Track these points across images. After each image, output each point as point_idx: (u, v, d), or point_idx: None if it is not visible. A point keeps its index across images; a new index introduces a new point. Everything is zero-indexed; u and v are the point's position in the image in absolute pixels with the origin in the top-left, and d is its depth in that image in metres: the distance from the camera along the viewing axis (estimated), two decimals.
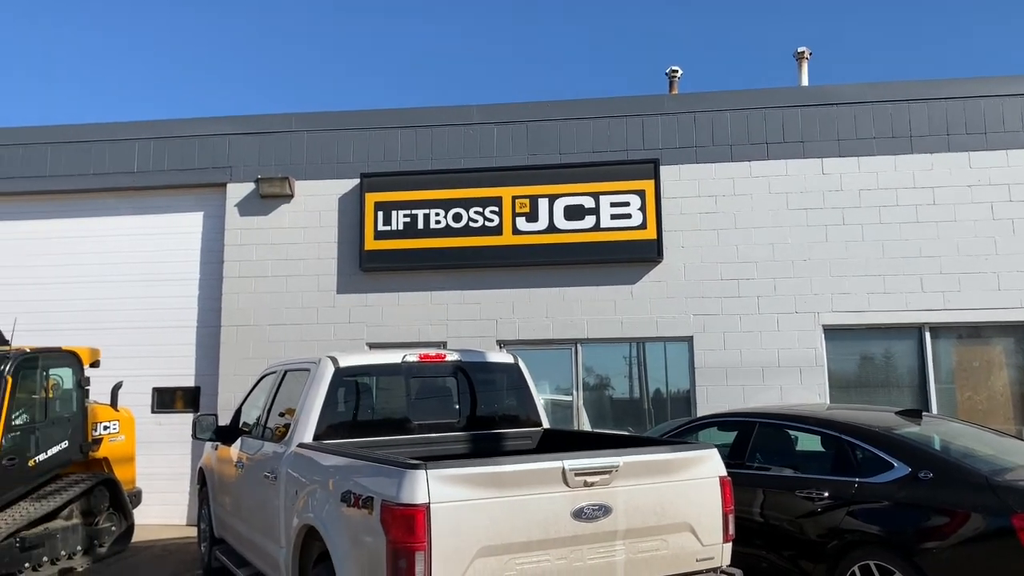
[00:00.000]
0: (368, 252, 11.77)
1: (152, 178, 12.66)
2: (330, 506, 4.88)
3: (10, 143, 12.95)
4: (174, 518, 11.83)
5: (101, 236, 12.87)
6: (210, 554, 7.96)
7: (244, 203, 12.27)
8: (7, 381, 8.45)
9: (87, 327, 12.11)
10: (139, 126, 12.81)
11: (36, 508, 8.34)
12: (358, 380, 6.61)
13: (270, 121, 12.51)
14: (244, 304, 12.03)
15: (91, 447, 9.51)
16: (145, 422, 11.47)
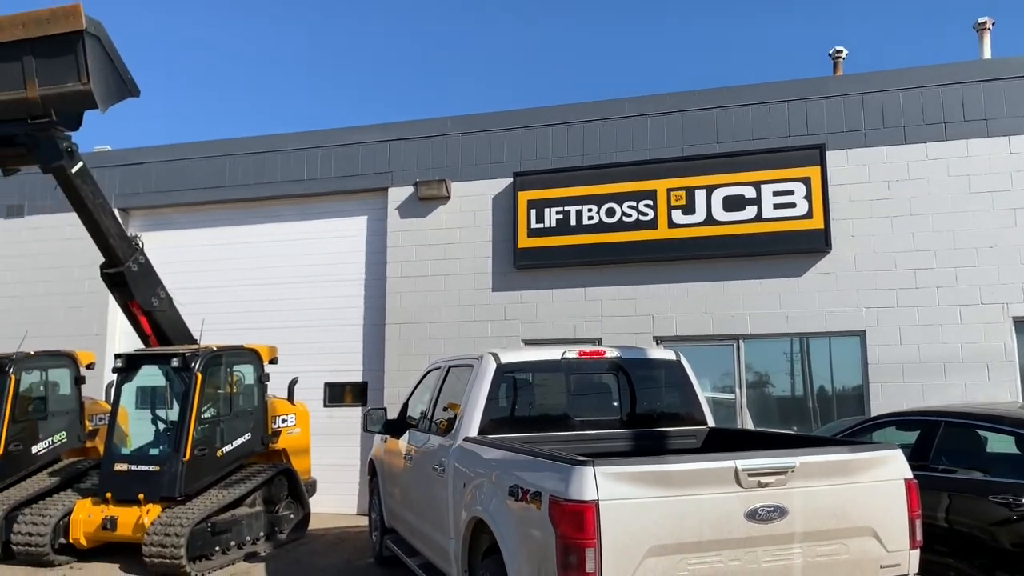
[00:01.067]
0: (522, 250, 11.90)
1: (319, 185, 13.35)
2: (498, 500, 4.94)
3: (195, 156, 14.02)
4: (345, 507, 12.43)
5: (274, 241, 13.71)
6: (381, 543, 8.29)
7: (404, 206, 12.71)
8: (197, 377, 9.16)
9: (265, 326, 12.95)
10: (307, 136, 13.54)
11: (224, 496, 8.97)
12: (519, 376, 6.68)
13: (427, 126, 12.89)
14: (406, 303, 12.46)
15: (271, 439, 10.15)
16: (318, 415, 12.09)
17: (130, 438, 9.80)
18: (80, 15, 7.76)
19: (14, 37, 7.96)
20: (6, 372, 9.88)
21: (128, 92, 8.57)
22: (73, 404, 10.77)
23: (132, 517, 8.69)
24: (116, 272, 9.68)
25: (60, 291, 14.24)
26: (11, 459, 9.77)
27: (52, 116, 8.21)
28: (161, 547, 8.13)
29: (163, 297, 10.21)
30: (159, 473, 8.85)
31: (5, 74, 8.14)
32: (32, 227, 14.69)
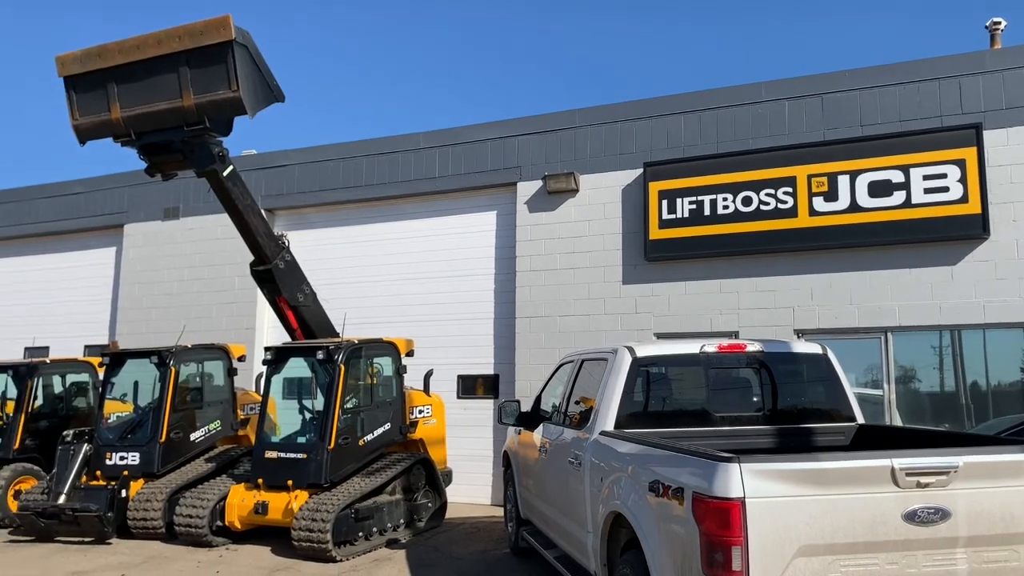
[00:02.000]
0: (653, 241, 11.71)
1: (449, 182, 13.60)
2: (637, 495, 4.87)
3: (333, 157, 14.58)
4: (479, 497, 12.64)
5: (408, 238, 14.10)
6: (517, 534, 8.37)
7: (533, 200, 12.77)
8: (340, 369, 9.53)
9: (401, 320, 13.35)
10: (437, 135, 13.82)
11: (366, 483, 9.29)
12: (656, 370, 6.56)
13: (555, 119, 12.89)
14: (535, 296, 12.52)
15: (409, 429, 10.44)
16: (451, 407, 12.35)
17: (279, 427, 10.31)
18: (230, 26, 8.20)
19: (171, 49, 8.50)
20: (167, 364, 10.60)
21: (274, 97, 9.00)
22: (226, 394, 11.44)
23: (282, 502, 9.16)
24: (265, 269, 10.20)
25: (213, 288, 15.15)
26: (172, 445, 10.48)
27: (205, 123, 8.73)
28: (309, 531, 8.52)
29: (308, 293, 10.69)
30: (306, 461, 9.27)
31: (163, 85, 8.72)
32: (187, 228, 15.69)
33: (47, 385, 12.46)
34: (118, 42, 8.77)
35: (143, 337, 14.98)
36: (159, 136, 9.07)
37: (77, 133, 9.16)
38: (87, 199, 16.92)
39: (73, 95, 9.09)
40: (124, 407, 11.39)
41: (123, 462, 10.25)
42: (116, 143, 9.25)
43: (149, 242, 15.99)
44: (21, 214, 17.67)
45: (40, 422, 11.79)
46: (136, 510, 9.79)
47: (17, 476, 10.86)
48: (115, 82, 8.86)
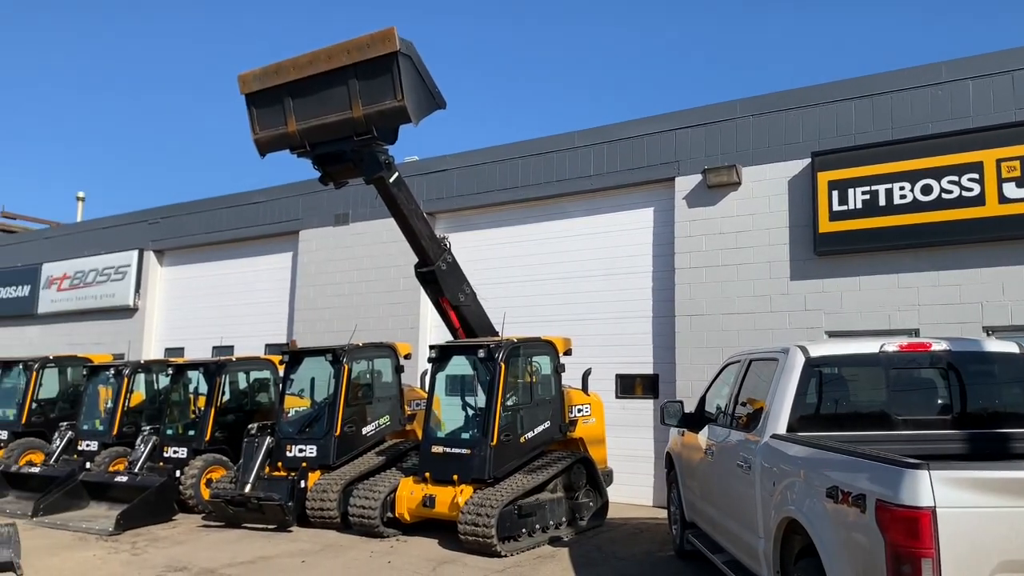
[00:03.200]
0: (823, 235, 11.15)
1: (605, 180, 13.53)
2: (813, 500, 4.65)
3: (491, 160, 14.87)
4: (640, 498, 12.50)
5: (564, 237, 14.16)
6: (682, 537, 8.20)
7: (692, 195, 12.48)
8: (501, 367, 9.69)
9: (559, 319, 13.42)
10: (592, 132, 13.78)
11: (528, 480, 9.40)
12: (831, 370, 6.24)
13: (714, 111, 12.54)
14: (696, 294, 12.23)
15: (569, 428, 10.47)
16: (610, 406, 12.28)
17: (443, 423, 10.63)
18: (394, 38, 8.53)
19: (340, 64, 8.96)
20: (340, 362, 11.17)
21: (436, 104, 9.28)
22: (394, 391, 11.92)
23: (448, 496, 9.43)
24: (428, 271, 10.54)
25: (380, 289, 15.84)
26: (346, 439, 11.03)
27: (373, 132, 9.13)
28: (474, 526, 8.72)
29: (468, 293, 10.96)
30: (470, 456, 9.50)
31: (334, 98, 9.19)
32: (356, 233, 16.49)
33: (233, 382, 13.46)
34: (292, 59, 9.34)
35: (318, 336, 15.89)
36: (331, 146, 9.57)
37: (258, 146, 9.83)
38: (266, 208, 18.13)
39: (254, 111, 9.75)
40: (302, 402, 12.12)
41: (302, 454, 10.90)
42: (292, 154, 9.84)
43: (322, 246, 16.92)
44: (209, 223, 19.18)
45: (227, 416, 12.73)
46: (314, 500, 10.37)
47: (208, 466, 11.77)
48: (290, 97, 9.43)
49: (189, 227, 19.58)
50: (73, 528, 10.34)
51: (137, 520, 10.40)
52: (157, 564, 8.47)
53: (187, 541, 9.73)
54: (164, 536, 10.00)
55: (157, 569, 8.25)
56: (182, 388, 13.26)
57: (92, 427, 13.88)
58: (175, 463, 11.92)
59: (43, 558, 8.63)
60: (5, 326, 23.48)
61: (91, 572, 8.12)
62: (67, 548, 9.24)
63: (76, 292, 21.43)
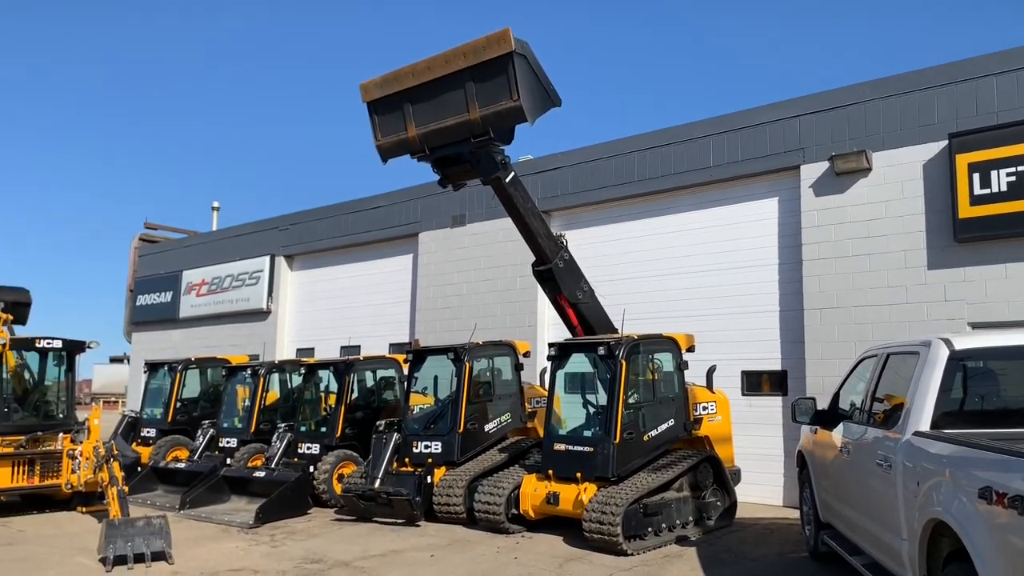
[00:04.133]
0: (963, 221, 10.50)
1: (725, 171, 13.19)
2: (963, 501, 4.37)
3: (603, 156, 14.76)
4: (770, 498, 12.13)
5: (681, 231, 13.90)
6: (816, 538, 7.90)
7: (819, 183, 12.00)
8: (622, 364, 9.61)
9: (679, 315, 13.19)
10: (710, 123, 13.46)
11: (653, 479, 9.28)
12: (977, 364, 5.87)
13: (841, 95, 12.02)
14: (825, 286, 11.75)
15: (693, 426, 10.27)
16: (736, 404, 11.96)
17: (564, 421, 10.63)
18: (509, 39, 8.60)
19: (457, 67, 9.10)
20: (462, 360, 11.35)
21: (552, 103, 9.30)
22: (514, 388, 12.02)
23: (572, 494, 9.43)
24: (545, 269, 10.58)
25: (497, 288, 16.01)
26: (469, 436, 11.21)
27: (490, 133, 9.23)
28: (599, 524, 8.68)
29: (586, 290, 10.92)
30: (593, 454, 9.47)
31: (451, 101, 9.35)
32: (472, 233, 16.73)
33: (361, 380, 13.92)
34: (411, 65, 9.56)
35: (438, 335, 16.22)
36: (449, 149, 9.75)
37: (380, 153, 10.11)
38: (387, 212, 18.66)
39: (375, 118, 10.05)
40: (426, 400, 12.40)
41: (427, 450, 11.15)
42: (412, 159, 10.07)
43: (440, 248, 17.26)
44: (334, 228, 19.91)
45: (356, 413, 13.17)
46: (440, 495, 10.59)
47: (340, 462, 12.21)
48: (410, 103, 9.66)
49: (316, 232, 20.38)
50: (216, 521, 10.94)
51: (275, 514, 10.90)
52: (295, 556, 8.85)
53: (322, 534, 10.12)
54: (300, 529, 10.44)
55: (295, 561, 8.61)
56: (313, 387, 13.82)
57: (231, 425, 14.68)
58: (308, 459, 12.43)
59: (191, 548, 9.17)
60: (151, 330, 25.13)
61: (235, 562, 8.56)
62: (212, 540, 9.78)
63: (214, 297, 22.69)
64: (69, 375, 12.69)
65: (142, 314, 25.39)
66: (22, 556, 8.91)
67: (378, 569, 8.22)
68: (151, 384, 17.31)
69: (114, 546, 8.39)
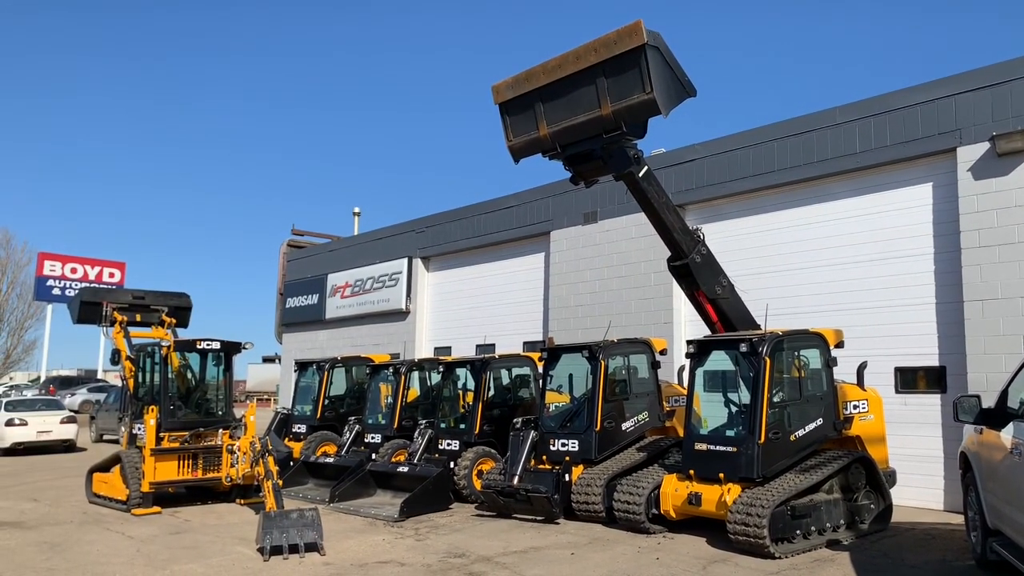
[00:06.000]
0: None
1: (873, 156, 12.52)
2: None
3: (742, 146, 14.32)
4: (929, 502, 11.41)
5: (827, 221, 13.29)
6: (984, 545, 7.35)
7: (978, 166, 11.18)
8: (765, 362, 9.27)
9: (826, 309, 12.64)
10: (857, 106, 12.80)
11: (801, 480, 8.91)
12: None
13: (1001, 70, 11.15)
14: (989, 276, 10.94)
15: (844, 425, 9.79)
16: (889, 402, 11.32)
17: (705, 420, 10.37)
18: (641, 31, 8.46)
19: (589, 63, 9.03)
20: (597, 358, 11.29)
21: (686, 93, 9.08)
22: (651, 386, 11.83)
23: (714, 494, 9.19)
24: (681, 264, 10.35)
25: (630, 285, 15.83)
26: (606, 434, 11.13)
27: (622, 128, 9.11)
28: (744, 526, 8.42)
29: (725, 285, 10.61)
30: (736, 454, 9.19)
31: (582, 98, 9.29)
32: (604, 230, 16.62)
33: (497, 378, 14.10)
34: (542, 64, 9.57)
35: (571, 333, 16.22)
36: (581, 146, 9.69)
37: (512, 153, 10.18)
38: (519, 211, 18.83)
39: (507, 119, 10.12)
40: (561, 397, 12.41)
41: (564, 448, 11.16)
42: (544, 157, 10.09)
43: (572, 245, 17.25)
44: (468, 229, 20.29)
45: (493, 410, 13.36)
46: (579, 494, 10.58)
47: (479, 458, 12.42)
48: (541, 101, 9.68)
49: (451, 234, 20.83)
50: (363, 514, 11.36)
51: (418, 508, 11.20)
52: (439, 550, 9.06)
53: (463, 529, 10.32)
54: (443, 524, 10.69)
55: (439, 555, 8.82)
56: (452, 384, 14.11)
57: (376, 421, 15.23)
58: (449, 455, 12.71)
59: (340, 540, 9.56)
60: (300, 331, 26.44)
61: (382, 555, 8.86)
62: (359, 532, 10.16)
63: (356, 299, 23.62)
64: (227, 374, 13.48)
65: (291, 316, 26.75)
66: (189, 544, 9.55)
67: (520, 565, 8.29)
68: (301, 382, 18.18)
69: (271, 537, 8.86)
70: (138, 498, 11.65)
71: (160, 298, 14.30)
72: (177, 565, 8.46)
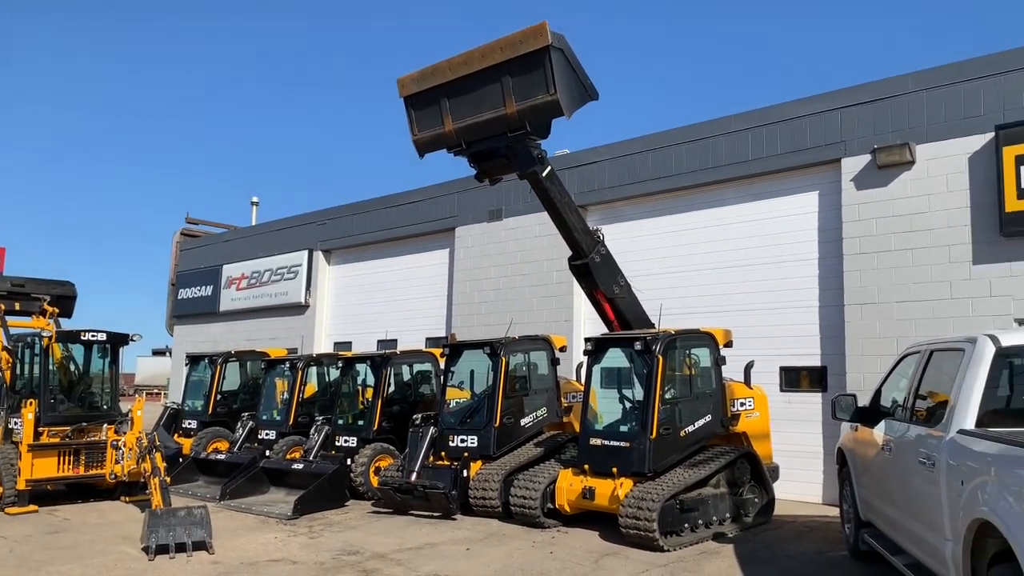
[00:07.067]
0: (1010, 215, 10.28)
1: (764, 164, 13.04)
2: (1009, 502, 4.28)
3: (642, 150, 14.67)
4: (809, 495, 11.98)
5: (720, 225, 13.76)
6: (856, 536, 7.79)
7: (860, 176, 11.80)
8: (658, 360, 9.56)
9: (717, 310, 13.09)
10: (750, 115, 13.30)
11: (690, 475, 9.22)
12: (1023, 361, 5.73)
13: (883, 86, 11.80)
14: (867, 281, 11.57)
15: (731, 422, 10.18)
16: (774, 400, 11.83)
17: (601, 415, 10.60)
18: (546, 32, 8.57)
19: (494, 61, 9.08)
20: (498, 355, 11.37)
21: (589, 96, 9.25)
22: (550, 383, 12.01)
23: (607, 489, 9.41)
24: (582, 263, 10.54)
25: (533, 283, 16.00)
26: (505, 430, 11.23)
27: (527, 127, 9.20)
28: (635, 519, 8.65)
29: (623, 284, 10.86)
30: (629, 449, 9.43)
31: (488, 95, 9.34)
32: (508, 228, 16.74)
33: (398, 374, 14.02)
34: (447, 60, 9.57)
35: (474, 329, 16.27)
36: (486, 144, 9.73)
37: (417, 147, 10.14)
38: (424, 206, 18.74)
39: (412, 113, 10.07)
40: (462, 394, 12.44)
41: (463, 444, 11.20)
42: (449, 153, 10.09)
43: (477, 242, 17.30)
44: (371, 223, 20.05)
45: (393, 407, 13.26)
46: (476, 489, 10.63)
47: (377, 455, 12.31)
48: (447, 97, 9.67)
49: (353, 227, 20.54)
50: (256, 512, 11.11)
51: (313, 505, 11.03)
52: (333, 547, 8.95)
53: (359, 526, 10.22)
54: (338, 521, 10.56)
55: (333, 552, 8.71)
56: (351, 380, 13.94)
57: (270, 417, 14.89)
58: (346, 451, 12.56)
59: (231, 539, 9.32)
60: (192, 323, 25.56)
61: (273, 553, 8.68)
62: (251, 530, 9.93)
63: (253, 291, 23.01)
64: (113, 367, 12.95)
65: (183, 307, 25.85)
66: (68, 544, 9.13)
67: (414, 561, 8.28)
68: (192, 376, 17.61)
69: (156, 535, 8.56)
70: (12, 496, 11.06)
71: (42, 286, 13.57)
72: (54, 566, 8.07)
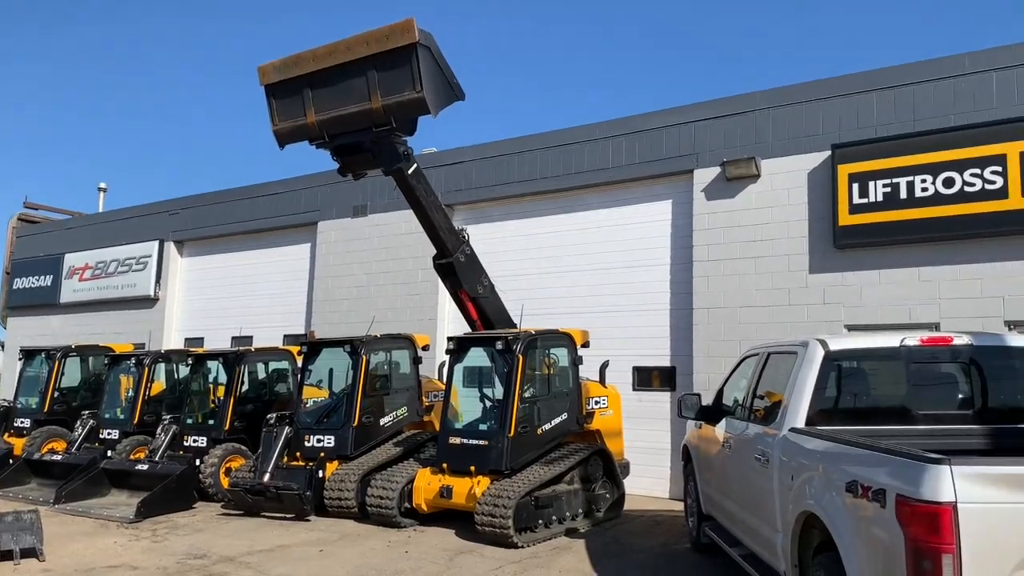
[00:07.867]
0: (843, 228, 11.08)
1: (624, 172, 13.50)
2: (832, 495, 4.63)
3: (509, 152, 14.86)
4: (657, 491, 12.50)
5: (583, 229, 14.14)
6: (699, 529, 8.19)
7: (711, 188, 12.42)
8: (519, 359, 9.71)
9: (576, 311, 13.42)
10: (612, 124, 13.73)
11: (545, 472, 9.42)
12: (850, 364, 6.21)
13: (733, 103, 12.47)
14: (714, 287, 12.19)
15: (586, 420, 10.47)
16: (627, 399, 12.26)
17: (461, 414, 10.66)
18: (413, 29, 8.52)
19: (360, 55, 8.95)
20: (359, 353, 11.22)
21: (455, 96, 9.27)
22: (412, 382, 11.96)
23: (465, 487, 9.47)
24: (446, 263, 10.55)
25: (398, 280, 15.88)
26: (364, 430, 11.09)
27: (392, 123, 9.12)
28: (491, 517, 8.75)
29: (486, 285, 10.96)
30: (487, 447, 9.53)
31: (353, 89, 9.18)
32: (374, 224, 16.53)
33: (252, 372, 13.56)
34: (312, 50, 9.34)
35: (335, 327, 15.96)
36: (350, 138, 9.57)
37: (277, 138, 9.84)
38: (285, 199, 18.22)
39: (273, 102, 9.77)
40: (320, 393, 12.19)
41: (320, 444, 10.98)
42: (311, 146, 9.86)
43: (340, 238, 16.99)
44: (229, 214, 19.30)
45: (246, 406, 12.82)
46: (332, 490, 10.44)
47: (228, 455, 11.86)
48: (310, 88, 9.44)
49: (209, 218, 19.71)
50: (95, 515, 10.48)
51: (158, 508, 10.51)
52: (177, 551, 8.56)
53: (207, 529, 9.83)
54: (184, 524, 10.11)
55: (177, 556, 8.34)
56: (202, 378, 13.37)
57: (113, 416, 14.06)
58: (195, 452, 12.04)
59: (65, 544, 8.75)
60: (29, 315, 23.77)
61: (112, 559, 8.22)
62: (88, 535, 9.36)
63: (98, 282, 21.65)
64: None
65: (19, 298, 23.99)
66: None
67: (265, 564, 8.05)
68: (27, 372, 16.38)
69: None
70: None
71: None
72: None
